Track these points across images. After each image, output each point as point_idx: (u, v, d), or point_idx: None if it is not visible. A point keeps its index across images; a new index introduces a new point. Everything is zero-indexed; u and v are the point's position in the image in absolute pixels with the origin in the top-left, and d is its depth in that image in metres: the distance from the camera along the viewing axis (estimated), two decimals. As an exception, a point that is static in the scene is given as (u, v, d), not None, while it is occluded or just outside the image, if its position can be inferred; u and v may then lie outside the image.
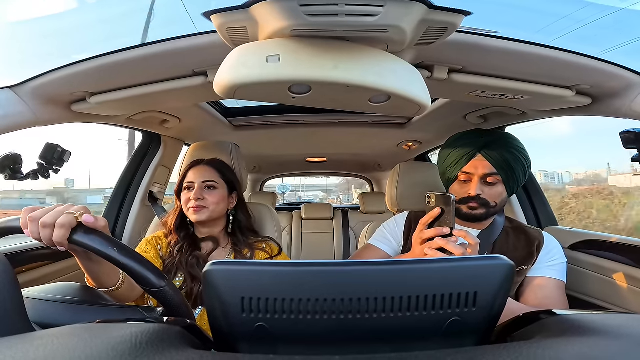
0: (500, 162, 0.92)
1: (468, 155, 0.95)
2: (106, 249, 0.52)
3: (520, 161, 0.94)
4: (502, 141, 0.95)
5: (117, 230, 1.58)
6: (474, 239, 0.77)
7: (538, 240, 0.99)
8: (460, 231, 0.77)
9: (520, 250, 0.98)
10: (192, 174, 1.06)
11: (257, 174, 3.39)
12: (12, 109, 0.86)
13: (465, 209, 0.96)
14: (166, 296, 0.52)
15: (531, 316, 0.37)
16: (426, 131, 1.81)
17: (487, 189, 0.95)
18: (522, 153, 0.95)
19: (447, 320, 0.33)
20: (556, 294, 0.94)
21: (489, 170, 0.93)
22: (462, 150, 0.97)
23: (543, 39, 0.77)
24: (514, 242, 1.01)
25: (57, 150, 1.03)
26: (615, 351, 0.27)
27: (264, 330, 0.33)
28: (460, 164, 0.96)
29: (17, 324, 0.44)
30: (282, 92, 0.67)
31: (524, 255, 0.97)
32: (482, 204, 0.94)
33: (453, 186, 1.00)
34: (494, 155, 0.93)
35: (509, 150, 0.93)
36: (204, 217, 1.02)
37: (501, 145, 0.94)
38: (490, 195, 0.95)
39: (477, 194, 0.94)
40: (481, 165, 0.94)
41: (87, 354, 0.26)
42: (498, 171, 0.93)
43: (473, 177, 0.95)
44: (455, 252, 0.74)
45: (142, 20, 0.87)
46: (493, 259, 0.35)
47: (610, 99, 0.91)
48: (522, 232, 1.02)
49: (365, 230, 1.41)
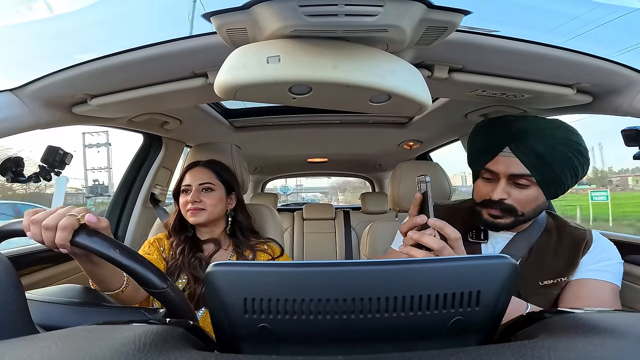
0: (533, 160, 0.73)
1: (493, 149, 0.77)
2: (108, 251, 0.52)
3: (566, 158, 0.73)
4: (540, 131, 0.74)
5: (120, 232, 1.59)
6: (454, 233, 0.63)
7: (585, 241, 0.79)
8: (436, 221, 0.63)
9: (562, 256, 0.79)
10: (189, 177, 1.06)
11: (258, 175, 3.40)
12: (13, 111, 0.86)
13: (485, 215, 0.80)
14: (168, 297, 0.52)
15: (535, 315, 0.37)
16: (427, 130, 1.81)
17: (515, 191, 0.76)
18: (571, 147, 0.73)
19: (450, 319, 0.33)
20: (607, 298, 0.73)
21: (517, 170, 0.74)
22: (487, 141, 0.79)
23: (555, 39, 0.77)
24: (555, 245, 0.81)
25: (59, 152, 1.04)
26: (620, 349, 0.27)
27: (267, 331, 0.33)
28: (483, 159, 0.79)
29: (20, 326, 0.44)
30: (282, 93, 0.67)
31: (565, 262, 0.78)
32: (506, 211, 0.76)
33: (477, 183, 0.83)
34: (525, 151, 0.73)
35: (549, 143, 0.72)
36: (202, 220, 1.02)
37: (538, 137, 0.73)
38: (519, 201, 0.76)
39: (500, 198, 0.76)
40: (508, 162, 0.75)
41: (90, 356, 0.26)
42: (530, 171, 0.73)
43: (498, 176, 0.77)
44: (431, 245, 0.61)
45: (142, 21, 0.87)
46: (496, 258, 0.35)
47: (611, 97, 0.91)
48: (566, 233, 0.83)
49: (367, 230, 1.41)
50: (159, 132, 1.52)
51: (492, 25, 0.74)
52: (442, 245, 0.61)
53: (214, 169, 1.09)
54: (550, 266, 0.78)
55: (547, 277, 0.78)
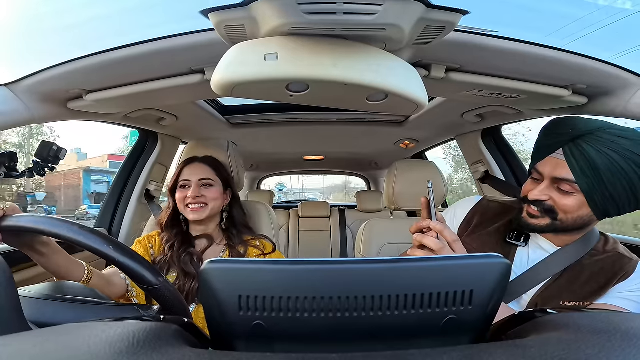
0: (583, 166, 0.66)
1: (548, 149, 0.72)
2: (37, 224, 0.53)
3: (622, 171, 0.64)
4: (599, 137, 0.66)
5: (114, 228, 1.58)
6: (451, 235, 0.64)
7: (625, 272, 0.72)
8: (437, 225, 0.64)
9: (594, 283, 0.72)
10: (188, 172, 1.06)
11: (254, 172, 3.39)
12: (8, 106, 0.86)
13: (524, 213, 0.76)
14: (126, 267, 0.52)
15: (526, 315, 0.37)
16: (423, 130, 1.81)
17: (557, 196, 0.70)
18: (635, 161, 0.63)
19: (443, 318, 0.33)
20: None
21: (561, 174, 0.68)
22: (546, 141, 0.74)
23: (554, 42, 0.77)
24: (593, 270, 0.73)
25: (53, 148, 1.03)
26: (609, 348, 0.27)
27: (261, 329, 0.33)
28: (537, 157, 0.74)
29: (14, 323, 0.44)
30: (279, 90, 0.67)
31: (594, 289, 0.72)
32: (545, 211, 0.72)
33: (526, 182, 0.78)
34: (577, 155, 0.66)
35: (606, 151, 0.64)
36: (204, 216, 1.02)
37: (594, 142, 0.66)
38: (559, 206, 0.70)
39: (539, 198, 0.71)
40: (555, 164, 0.70)
41: (84, 352, 0.26)
42: (576, 177, 0.67)
43: (544, 177, 0.73)
44: (431, 246, 0.63)
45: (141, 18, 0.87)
46: (488, 257, 0.35)
47: (606, 99, 0.92)
48: (611, 260, 0.74)
49: (362, 228, 1.42)
50: (155, 128, 1.51)
51: (491, 26, 0.74)
52: (442, 246, 0.63)
53: (212, 165, 1.09)
54: (577, 290, 0.73)
55: (570, 298, 0.73)
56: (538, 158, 0.74)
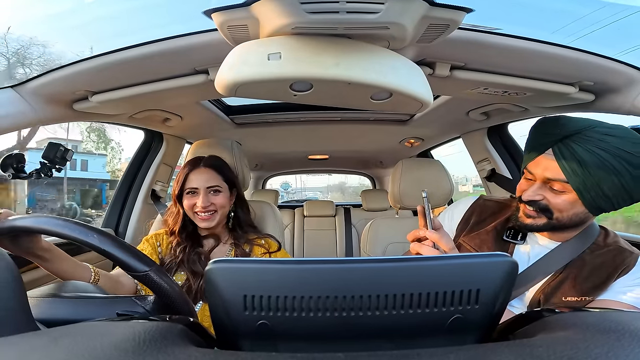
0: (574, 166, 0.67)
1: (538, 149, 0.73)
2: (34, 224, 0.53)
3: (611, 168, 0.64)
4: (587, 135, 0.67)
5: (120, 228, 1.59)
6: (447, 244, 0.66)
7: (626, 266, 0.72)
8: (433, 234, 0.66)
9: (596, 277, 0.73)
10: (195, 179, 1.03)
11: (259, 172, 3.40)
12: (14, 108, 0.86)
13: (520, 214, 0.77)
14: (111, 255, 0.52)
15: (533, 314, 0.37)
16: (428, 128, 1.80)
17: (551, 195, 0.72)
18: (623, 157, 0.64)
19: (449, 317, 0.33)
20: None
21: (552, 174, 0.70)
22: (536, 140, 0.75)
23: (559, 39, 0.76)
24: (595, 265, 0.74)
25: (60, 149, 1.04)
26: (616, 347, 0.27)
27: (266, 328, 0.33)
28: (528, 157, 0.75)
29: (22, 323, 0.44)
30: (283, 90, 0.67)
31: (596, 283, 0.73)
32: (541, 210, 0.73)
33: (520, 182, 0.79)
34: (567, 155, 0.67)
35: (594, 149, 0.65)
36: (214, 223, 1.01)
37: (582, 141, 0.67)
38: (553, 205, 0.71)
39: (533, 199, 0.73)
40: (546, 165, 0.71)
41: (90, 352, 0.27)
42: (566, 176, 0.68)
43: (535, 177, 0.74)
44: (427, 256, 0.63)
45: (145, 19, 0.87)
46: (495, 256, 0.35)
47: (614, 96, 0.91)
48: (612, 254, 0.74)
49: (367, 227, 1.41)
50: (160, 128, 1.52)
51: (495, 24, 0.74)
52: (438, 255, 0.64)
53: (217, 169, 1.07)
54: (579, 284, 0.73)
55: (572, 294, 0.74)
56: (529, 158, 0.75)
